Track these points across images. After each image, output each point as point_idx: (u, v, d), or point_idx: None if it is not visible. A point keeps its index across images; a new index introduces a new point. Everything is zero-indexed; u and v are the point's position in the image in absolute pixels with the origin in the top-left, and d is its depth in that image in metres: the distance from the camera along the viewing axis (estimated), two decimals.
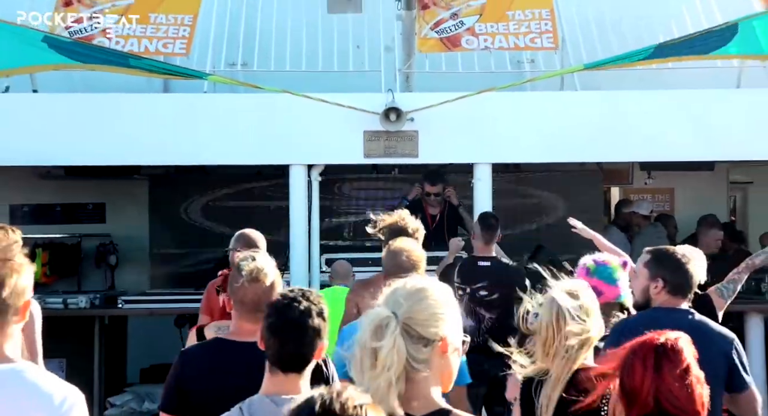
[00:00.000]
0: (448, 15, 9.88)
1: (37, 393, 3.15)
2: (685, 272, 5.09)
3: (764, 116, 9.13)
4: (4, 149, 8.84)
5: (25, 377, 3.19)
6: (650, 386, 3.25)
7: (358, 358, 2.88)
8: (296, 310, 3.57)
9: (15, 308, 3.19)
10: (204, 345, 4.56)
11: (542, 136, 9.15)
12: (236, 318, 4.26)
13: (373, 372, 2.84)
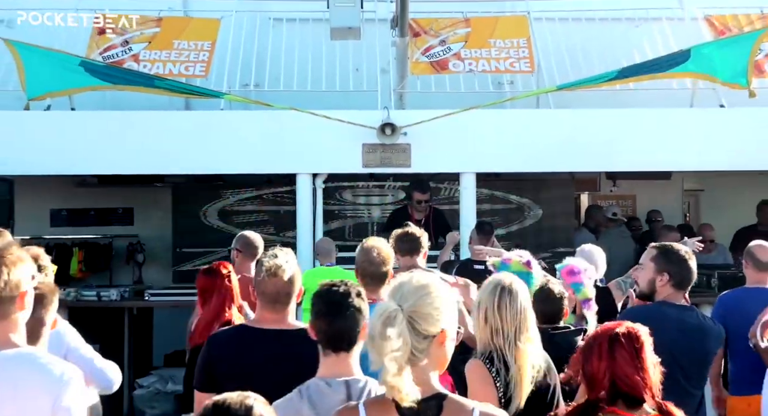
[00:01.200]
0: (436, 42, 9.93)
1: (42, 371, 3.14)
2: (689, 268, 5.01)
3: (713, 131, 9.14)
4: (45, 160, 8.89)
5: (31, 359, 3.18)
6: (606, 369, 3.27)
7: (370, 346, 2.92)
8: (336, 293, 3.53)
9: (12, 298, 3.17)
10: (229, 330, 4.51)
11: (520, 148, 9.15)
12: (259, 307, 4.23)
13: (385, 357, 2.87)
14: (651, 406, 3.28)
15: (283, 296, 4.11)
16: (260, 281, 4.14)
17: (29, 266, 3.28)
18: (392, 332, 2.89)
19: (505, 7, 10.67)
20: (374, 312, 2.99)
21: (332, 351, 3.47)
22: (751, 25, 9.75)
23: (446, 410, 2.98)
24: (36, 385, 3.11)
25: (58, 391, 3.11)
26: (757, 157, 9.13)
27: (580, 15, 9.91)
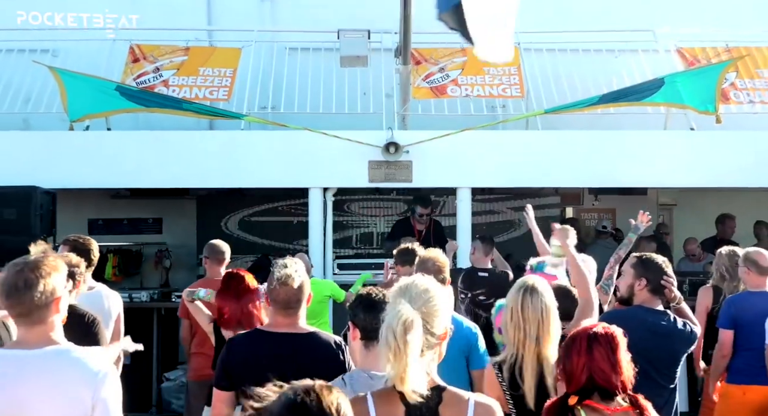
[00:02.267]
0: (436, 69, 9.95)
1: (80, 365, 3.14)
2: (663, 275, 4.99)
3: (684, 152, 9.14)
4: (84, 175, 8.90)
5: (70, 354, 3.17)
6: (584, 365, 3.30)
7: (392, 346, 2.92)
8: (374, 295, 3.56)
9: (48, 305, 3.16)
10: (246, 334, 4.43)
11: (511, 166, 9.14)
12: (272, 313, 4.23)
13: (405, 356, 2.90)
14: (623, 399, 3.31)
15: (293, 302, 4.14)
16: (272, 289, 4.16)
17: (63, 274, 3.27)
18: (412, 336, 2.93)
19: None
20: (392, 315, 3.00)
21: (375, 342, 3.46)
22: (717, 57, 9.75)
23: (445, 400, 3.03)
24: (75, 378, 3.12)
25: (95, 384, 3.12)
26: (723, 175, 9.16)
27: (565, 46, 9.89)
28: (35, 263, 3.23)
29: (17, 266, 3.25)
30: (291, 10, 11.05)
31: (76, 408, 3.10)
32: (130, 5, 10.90)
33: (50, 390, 3.10)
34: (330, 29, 9.59)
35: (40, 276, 3.17)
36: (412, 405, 2.99)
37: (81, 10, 11.10)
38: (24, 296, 3.14)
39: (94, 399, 3.10)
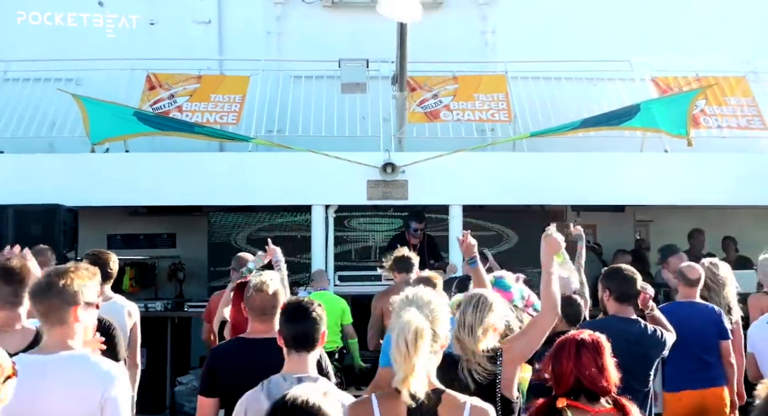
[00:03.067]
0: (430, 95, 9.97)
1: (90, 366, 3.15)
2: (627, 284, 5.02)
3: (659, 172, 9.18)
4: (104, 194, 8.92)
5: (82, 358, 3.18)
6: (572, 368, 3.31)
7: (403, 352, 3.00)
8: (300, 304, 3.60)
9: (68, 308, 3.18)
10: (228, 343, 4.46)
11: (499, 185, 9.16)
12: (250, 321, 4.21)
13: (414, 360, 2.99)
14: (607, 401, 3.33)
15: (269, 308, 4.10)
16: (249, 297, 4.16)
17: (88, 284, 3.27)
18: (422, 342, 3.01)
19: (487, 67, 10.65)
20: (403, 323, 3.05)
21: (297, 352, 3.53)
22: (688, 86, 9.79)
23: (444, 402, 3.10)
24: (84, 379, 3.13)
25: (104, 384, 3.12)
26: (695, 194, 9.22)
27: (549, 75, 9.89)
28: (63, 270, 3.26)
29: (48, 271, 3.31)
30: (295, 41, 11.07)
31: (86, 406, 3.10)
32: (146, 34, 10.91)
33: (62, 392, 3.10)
34: (331, 59, 9.59)
35: (63, 280, 3.19)
36: (412, 405, 3.04)
37: (81, 10, 11.03)
38: (44, 296, 3.18)
39: (104, 398, 3.09)
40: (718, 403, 6.02)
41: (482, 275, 5.08)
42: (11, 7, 11.04)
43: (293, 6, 11.19)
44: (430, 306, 3.33)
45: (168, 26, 10.93)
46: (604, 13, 10.77)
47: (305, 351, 3.54)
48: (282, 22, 11.22)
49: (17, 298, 3.79)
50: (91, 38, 10.50)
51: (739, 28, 10.72)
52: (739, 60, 10.28)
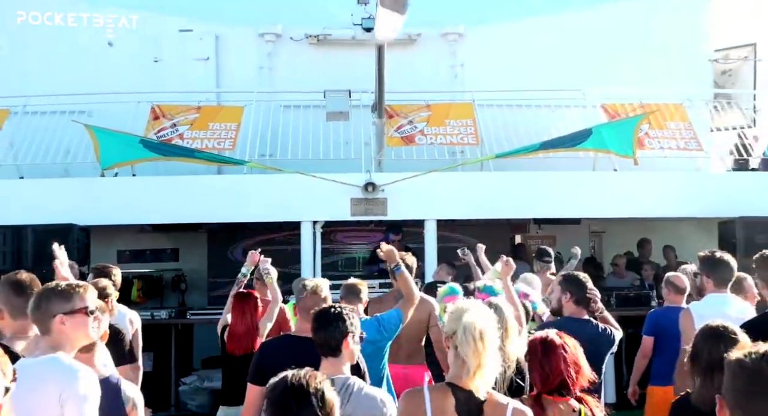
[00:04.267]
0: (406, 122, 9.98)
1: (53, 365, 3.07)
2: (584, 289, 5.04)
3: (610, 189, 9.24)
4: (113, 213, 8.92)
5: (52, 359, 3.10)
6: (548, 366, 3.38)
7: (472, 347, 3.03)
8: (332, 312, 3.54)
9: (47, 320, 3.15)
10: (277, 338, 4.41)
11: (469, 201, 9.20)
12: (300, 320, 4.16)
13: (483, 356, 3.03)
14: (575, 395, 3.37)
15: None
16: (303, 299, 4.14)
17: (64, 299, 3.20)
18: (489, 342, 3.07)
19: (456, 96, 10.66)
20: (466, 324, 3.07)
21: (329, 356, 3.51)
22: (634, 112, 9.81)
23: (489, 401, 3.08)
24: (47, 378, 3.06)
25: (65, 382, 3.03)
26: (641, 207, 9.27)
27: (512, 102, 9.90)
28: (43, 286, 3.29)
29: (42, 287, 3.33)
30: (285, 74, 11.05)
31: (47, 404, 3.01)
32: (151, 70, 10.86)
33: (28, 392, 2.99)
34: (317, 90, 9.58)
35: (37, 296, 3.22)
36: (462, 399, 3.03)
37: (82, 11, 10.91)
38: (31, 311, 3.22)
39: (64, 397, 3.00)
40: None
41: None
42: (27, 40, 10.92)
43: (282, 43, 11.20)
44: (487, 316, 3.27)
45: (170, 63, 10.92)
46: (559, 48, 10.82)
47: (333, 356, 3.49)
48: (272, 58, 11.22)
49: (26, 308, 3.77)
50: (102, 74, 10.47)
51: (676, 62, 10.81)
52: (677, 89, 10.33)
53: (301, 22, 11.05)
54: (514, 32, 11.03)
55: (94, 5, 11.07)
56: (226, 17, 11.18)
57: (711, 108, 10.78)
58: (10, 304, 3.70)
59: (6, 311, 3.72)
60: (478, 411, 3.04)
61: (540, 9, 11.25)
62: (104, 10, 11.05)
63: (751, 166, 10.55)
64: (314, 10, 11.01)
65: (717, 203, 9.19)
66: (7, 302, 3.71)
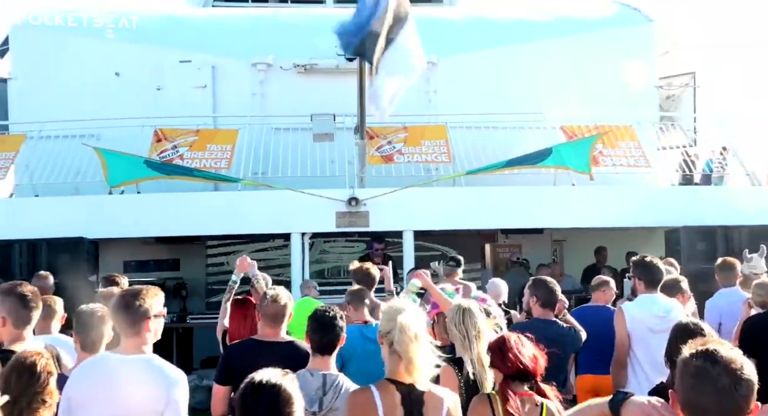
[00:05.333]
0: (385, 142, 10.00)
1: (158, 371, 3.16)
2: (552, 293, 5.07)
3: (569, 201, 9.31)
4: (120, 227, 8.93)
5: (152, 362, 3.19)
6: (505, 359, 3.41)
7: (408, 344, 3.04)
8: (327, 316, 3.58)
9: (141, 322, 3.21)
10: (241, 342, 4.35)
11: (443, 214, 9.22)
12: (262, 325, 4.14)
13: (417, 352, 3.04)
14: (532, 385, 3.42)
15: (279, 316, 4.09)
16: (264, 306, 4.12)
17: (156, 301, 3.28)
18: (423, 342, 3.09)
19: (431, 119, 10.66)
20: (401, 324, 3.05)
21: (321, 354, 3.55)
22: (589, 132, 9.88)
23: (429, 392, 3.11)
24: (154, 380, 3.12)
25: (168, 387, 3.11)
26: (597, 218, 9.32)
27: (480, 124, 9.96)
28: (137, 291, 3.29)
29: (125, 292, 3.33)
30: (275, 100, 10.99)
31: (153, 403, 3.10)
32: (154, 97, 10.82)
33: (137, 386, 3.11)
34: (305, 114, 9.63)
35: (139, 300, 3.23)
36: (404, 393, 3.04)
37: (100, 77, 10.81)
38: (125, 314, 3.21)
39: (167, 399, 3.09)
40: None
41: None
42: (41, 71, 10.89)
43: (273, 72, 11.15)
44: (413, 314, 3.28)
45: (171, 91, 10.86)
46: (522, 76, 10.84)
47: (327, 354, 3.54)
48: (264, 85, 11.16)
49: (29, 319, 3.76)
50: (109, 102, 10.47)
51: (626, 88, 10.85)
52: (627, 113, 10.41)
53: (290, 53, 11.02)
54: (481, 62, 11.07)
55: (103, 39, 11.04)
56: (222, 49, 11.17)
57: (657, 129, 10.88)
58: (16, 314, 3.68)
59: (10, 320, 3.68)
60: (420, 402, 3.04)
61: (504, 41, 11.28)
62: (113, 44, 11.03)
63: (693, 181, 10.77)
64: (302, 43, 10.99)
65: (663, 214, 9.29)
66: (13, 312, 3.68)
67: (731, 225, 9.09)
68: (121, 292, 3.40)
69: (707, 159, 11.28)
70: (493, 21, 11.84)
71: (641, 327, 5.24)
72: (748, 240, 8.72)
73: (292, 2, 13.27)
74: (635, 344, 5.26)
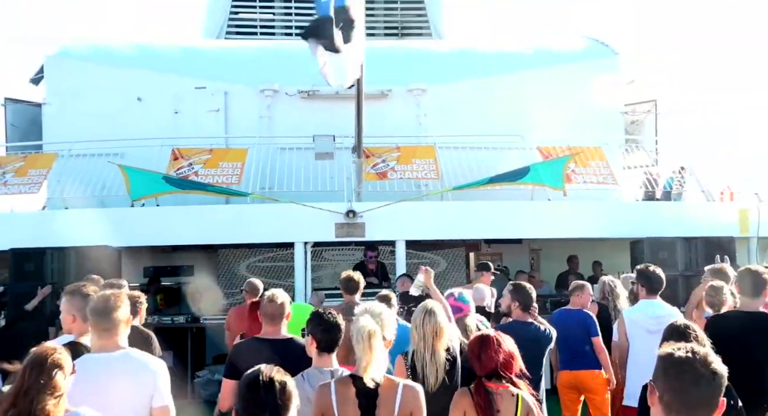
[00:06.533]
0: (380, 161, 9.98)
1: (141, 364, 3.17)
2: (530, 297, 5.05)
3: (545, 214, 9.30)
4: (140, 237, 8.92)
5: (133, 356, 3.22)
6: (483, 356, 3.41)
7: (362, 347, 3.11)
8: (332, 317, 3.54)
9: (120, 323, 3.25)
10: (246, 340, 4.30)
11: (432, 225, 9.20)
12: (264, 325, 4.11)
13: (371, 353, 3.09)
14: (508, 380, 3.41)
15: (278, 315, 4.04)
16: (264, 306, 4.08)
17: (128, 304, 3.38)
18: (375, 340, 3.10)
19: (421, 140, 10.63)
20: (360, 327, 3.10)
21: (326, 352, 3.52)
22: (563, 153, 9.91)
23: (383, 383, 3.14)
24: (140, 373, 3.15)
25: (153, 377, 3.13)
26: (570, 230, 9.33)
27: (465, 145, 10.01)
28: (116, 295, 3.32)
29: (104, 296, 3.33)
30: (281, 122, 11.01)
31: (142, 393, 3.14)
32: (172, 120, 10.87)
33: (125, 381, 3.14)
34: (308, 135, 9.67)
35: (120, 303, 3.28)
36: (360, 387, 3.08)
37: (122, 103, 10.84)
38: (108, 316, 3.23)
39: (152, 387, 3.14)
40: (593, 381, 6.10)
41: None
42: (72, 97, 10.89)
43: (279, 98, 11.19)
44: (381, 316, 3.39)
45: (188, 114, 10.91)
46: (503, 102, 10.88)
47: (331, 352, 3.51)
48: (271, 109, 11.20)
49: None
50: (132, 124, 10.51)
51: (596, 114, 10.93)
52: (597, 135, 10.47)
53: (294, 80, 11.03)
54: (467, 89, 11.11)
55: (126, 68, 11.09)
56: (233, 77, 11.21)
57: (623, 151, 10.99)
58: (82, 311, 3.71)
59: (78, 317, 3.75)
60: (374, 394, 3.07)
61: (488, 71, 11.36)
62: (135, 72, 11.08)
63: (655, 197, 10.81)
64: (305, 71, 10.80)
65: (629, 227, 9.31)
66: (80, 309, 3.74)
67: (689, 236, 9.12)
68: (99, 294, 3.42)
69: (668, 177, 11.36)
70: (477, 53, 11.96)
71: (638, 328, 5.27)
72: (703, 250, 8.83)
73: (297, 35, 13.37)
74: (633, 344, 5.30)
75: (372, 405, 3.07)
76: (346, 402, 3.08)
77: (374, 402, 3.07)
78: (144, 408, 3.13)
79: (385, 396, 3.10)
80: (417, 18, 13.75)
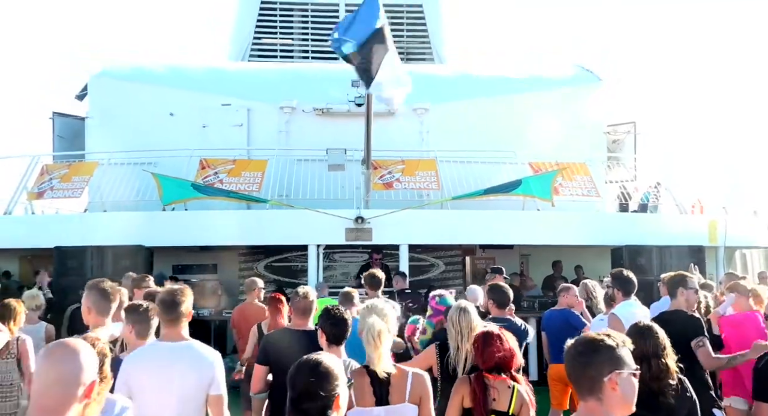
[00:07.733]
0: (386, 172, 9.95)
1: (200, 354, 3.13)
2: (505, 295, 4.97)
3: (534, 223, 9.26)
4: (170, 237, 8.92)
5: (195, 347, 3.17)
6: (486, 351, 3.37)
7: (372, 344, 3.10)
8: (339, 313, 3.51)
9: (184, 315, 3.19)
10: (277, 330, 4.32)
11: (432, 231, 9.18)
12: (294, 317, 4.12)
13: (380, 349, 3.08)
14: (507, 373, 3.35)
15: (308, 310, 4.09)
16: (297, 301, 4.08)
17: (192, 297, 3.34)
18: (383, 337, 3.10)
19: (423, 154, 10.56)
20: (370, 325, 3.08)
21: (335, 344, 3.48)
22: (552, 168, 9.83)
23: (395, 372, 3.13)
24: (200, 362, 3.11)
25: (211, 367, 3.11)
26: (556, 237, 9.32)
27: (464, 159, 9.96)
28: (182, 290, 3.32)
29: (171, 290, 3.33)
30: (298, 136, 10.95)
31: (201, 381, 3.13)
32: (200, 133, 10.87)
33: (187, 369, 3.11)
34: (321, 148, 9.66)
35: (185, 297, 3.27)
36: (374, 376, 3.09)
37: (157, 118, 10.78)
38: (173, 308, 3.22)
39: (210, 377, 3.12)
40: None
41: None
42: (111, 112, 10.89)
43: (296, 114, 11.20)
44: (383, 312, 3.41)
45: (214, 128, 10.91)
46: (498, 120, 10.89)
47: (340, 344, 3.49)
48: (289, 124, 11.17)
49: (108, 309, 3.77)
50: (165, 136, 10.55)
51: (581, 133, 10.88)
52: (582, 153, 10.45)
53: (311, 99, 11.00)
54: (466, 108, 11.09)
55: (161, 86, 11.13)
56: (255, 95, 11.20)
57: (605, 167, 10.97)
58: (99, 305, 3.69)
59: (94, 310, 3.70)
60: (387, 382, 3.08)
61: (485, 93, 11.35)
62: (168, 90, 11.14)
63: (633, 208, 10.79)
64: (320, 91, 11.07)
65: (609, 235, 9.32)
66: (97, 303, 3.69)
67: (663, 245, 9.11)
68: (166, 289, 3.42)
69: (645, 191, 11.35)
70: (476, 77, 11.96)
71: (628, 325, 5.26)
72: (676, 257, 8.83)
73: (313, 58, 13.45)
74: None
75: (385, 392, 3.08)
76: (363, 390, 3.10)
77: (387, 389, 3.09)
78: (202, 394, 3.11)
79: (397, 383, 3.11)
80: (421, 44, 13.78)
